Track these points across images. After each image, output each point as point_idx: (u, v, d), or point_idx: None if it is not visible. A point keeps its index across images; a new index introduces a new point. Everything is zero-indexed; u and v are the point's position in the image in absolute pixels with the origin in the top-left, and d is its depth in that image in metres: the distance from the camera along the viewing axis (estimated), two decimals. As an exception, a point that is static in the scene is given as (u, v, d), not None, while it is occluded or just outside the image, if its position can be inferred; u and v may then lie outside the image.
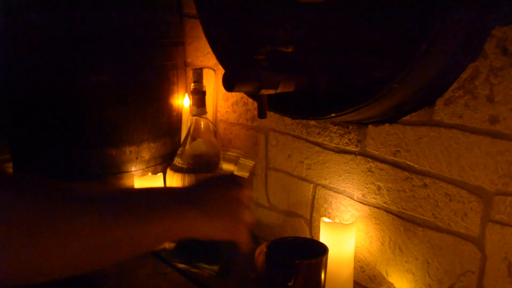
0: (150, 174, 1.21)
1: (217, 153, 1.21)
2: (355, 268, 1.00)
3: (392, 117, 0.91)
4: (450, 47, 0.75)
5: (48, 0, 1.10)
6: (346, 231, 0.96)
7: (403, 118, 0.89)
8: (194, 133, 1.21)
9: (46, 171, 1.21)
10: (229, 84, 0.77)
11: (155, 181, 1.18)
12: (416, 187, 0.89)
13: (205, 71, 1.26)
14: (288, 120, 1.12)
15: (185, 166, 1.19)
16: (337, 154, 1.03)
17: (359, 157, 0.98)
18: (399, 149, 0.91)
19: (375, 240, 0.98)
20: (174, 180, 1.19)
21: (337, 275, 0.95)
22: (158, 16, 1.22)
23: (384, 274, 0.98)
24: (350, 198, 1.02)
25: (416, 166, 0.89)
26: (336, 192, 1.05)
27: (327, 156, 1.05)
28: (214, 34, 1.04)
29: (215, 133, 1.24)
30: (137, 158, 1.23)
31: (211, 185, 0.72)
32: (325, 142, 1.05)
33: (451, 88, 0.82)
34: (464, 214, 0.83)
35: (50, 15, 1.10)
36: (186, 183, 1.17)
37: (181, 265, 1.11)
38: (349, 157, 1.00)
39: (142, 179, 1.18)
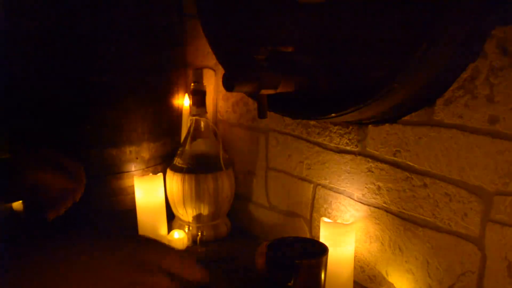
0: (150, 174, 1.21)
1: (217, 153, 1.21)
2: (355, 268, 1.00)
3: (392, 117, 0.91)
4: (450, 47, 0.75)
5: (49, 0, 1.10)
6: (346, 231, 0.96)
7: (403, 118, 0.89)
8: (194, 133, 1.21)
9: (46, 171, 1.21)
10: (229, 84, 0.77)
11: (155, 181, 1.18)
12: (416, 187, 0.89)
13: (205, 71, 1.26)
14: (288, 120, 1.12)
15: (185, 166, 1.19)
16: (337, 154, 1.03)
17: (359, 157, 0.98)
18: (399, 149, 0.91)
19: (375, 240, 0.98)
20: (174, 180, 1.19)
21: (337, 275, 0.95)
22: (158, 16, 1.22)
23: (384, 274, 0.98)
24: (350, 198, 1.02)
25: (416, 166, 0.89)
26: (336, 192, 1.05)
27: (327, 156, 1.05)
28: (214, 34, 1.04)
29: (215, 133, 1.24)
30: (137, 158, 1.23)
31: None
32: (325, 142, 1.05)
33: (451, 88, 0.81)
34: (464, 214, 0.83)
35: (51, 16, 1.10)
36: (186, 183, 1.17)
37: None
38: (349, 157, 1.00)
39: (142, 179, 1.18)
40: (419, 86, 0.80)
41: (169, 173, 1.22)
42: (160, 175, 1.20)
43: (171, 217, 1.25)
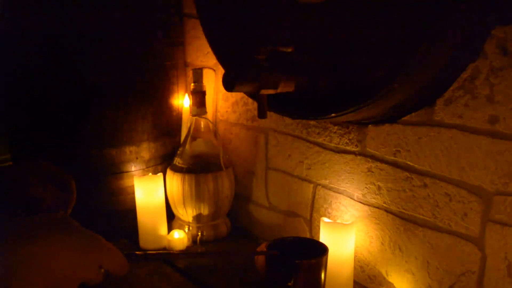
0: (150, 174, 1.21)
1: (217, 153, 1.21)
2: (355, 268, 1.00)
3: (392, 117, 0.91)
4: (450, 47, 0.75)
5: (49, 0, 1.10)
6: (346, 231, 0.96)
7: (403, 118, 0.89)
8: (194, 133, 1.21)
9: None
10: (229, 84, 0.77)
11: (155, 181, 1.18)
12: (416, 187, 0.89)
13: (205, 71, 1.26)
14: (288, 120, 1.12)
15: (185, 166, 1.19)
16: (337, 154, 1.03)
17: (359, 157, 0.98)
18: (399, 149, 0.91)
19: (375, 240, 0.98)
20: (174, 180, 1.19)
21: (337, 275, 0.95)
22: (158, 16, 1.22)
23: (384, 274, 0.98)
24: (350, 198, 1.02)
25: (416, 166, 0.89)
26: (336, 192, 1.05)
27: (327, 156, 1.05)
28: (214, 34, 1.04)
29: (215, 133, 1.24)
30: (137, 158, 1.23)
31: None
32: (325, 142, 1.05)
33: (451, 88, 0.82)
34: (464, 214, 0.83)
35: (51, 16, 1.10)
36: (186, 183, 1.18)
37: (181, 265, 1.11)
38: (349, 157, 1.00)
39: (142, 179, 1.18)
40: (419, 86, 0.80)
41: (169, 173, 1.22)
42: (160, 175, 1.20)
43: (171, 217, 1.25)
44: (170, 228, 1.23)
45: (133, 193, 1.19)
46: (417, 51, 0.70)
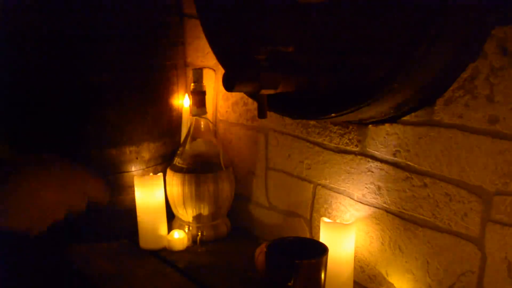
0: (150, 174, 1.21)
1: (217, 153, 1.21)
2: (355, 268, 1.00)
3: (392, 117, 0.91)
4: (450, 47, 0.75)
5: (49, 0, 1.10)
6: (346, 231, 0.96)
7: (403, 118, 0.89)
8: (194, 133, 1.21)
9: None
10: (229, 84, 0.77)
11: (155, 181, 1.18)
12: (416, 187, 0.89)
13: (205, 71, 1.26)
14: (288, 120, 1.12)
15: (185, 166, 1.19)
16: (337, 154, 1.03)
17: (359, 157, 0.98)
18: (399, 149, 0.91)
19: (375, 240, 0.98)
20: (174, 180, 1.19)
21: (337, 275, 0.95)
22: (158, 16, 1.22)
23: (384, 274, 0.98)
24: (350, 198, 1.02)
25: (416, 166, 0.89)
26: (336, 192, 1.05)
27: (327, 156, 1.05)
28: (214, 34, 1.04)
29: (215, 133, 1.24)
30: (137, 158, 1.23)
31: None
32: (325, 142, 1.05)
33: (451, 88, 0.82)
34: (464, 214, 0.83)
35: (50, 15, 1.10)
36: (186, 183, 1.17)
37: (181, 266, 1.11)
38: (349, 157, 1.00)
39: (142, 179, 1.18)
40: (419, 86, 0.80)
41: (169, 173, 1.22)
42: (160, 175, 1.20)
43: (171, 217, 1.25)
44: (170, 228, 1.23)
45: (133, 193, 1.19)
46: (417, 51, 0.70)
